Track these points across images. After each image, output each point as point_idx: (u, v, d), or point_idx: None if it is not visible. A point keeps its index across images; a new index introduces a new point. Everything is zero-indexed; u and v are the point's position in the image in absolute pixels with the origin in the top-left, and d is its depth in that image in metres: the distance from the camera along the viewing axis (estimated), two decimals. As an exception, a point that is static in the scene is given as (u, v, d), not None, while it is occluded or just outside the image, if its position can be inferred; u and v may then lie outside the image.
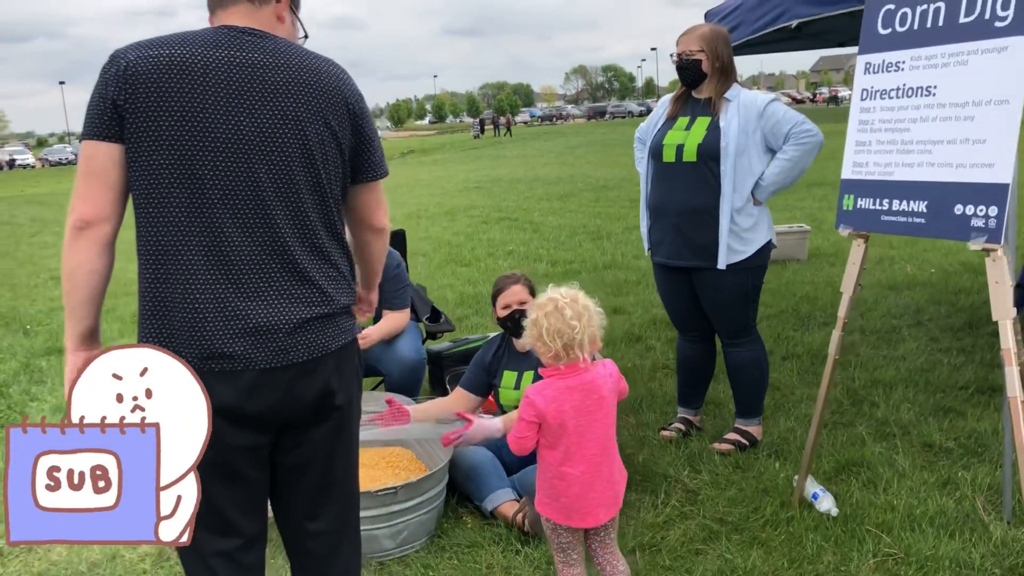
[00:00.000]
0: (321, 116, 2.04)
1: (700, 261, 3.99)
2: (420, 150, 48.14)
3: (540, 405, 2.54)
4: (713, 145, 3.86)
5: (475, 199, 17.04)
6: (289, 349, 2.02)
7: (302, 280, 2.06)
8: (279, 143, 1.99)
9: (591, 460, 2.59)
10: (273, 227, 2.00)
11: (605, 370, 2.66)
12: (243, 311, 1.98)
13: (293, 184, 2.02)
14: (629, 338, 6.27)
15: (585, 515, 2.61)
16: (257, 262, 1.99)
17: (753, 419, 4.25)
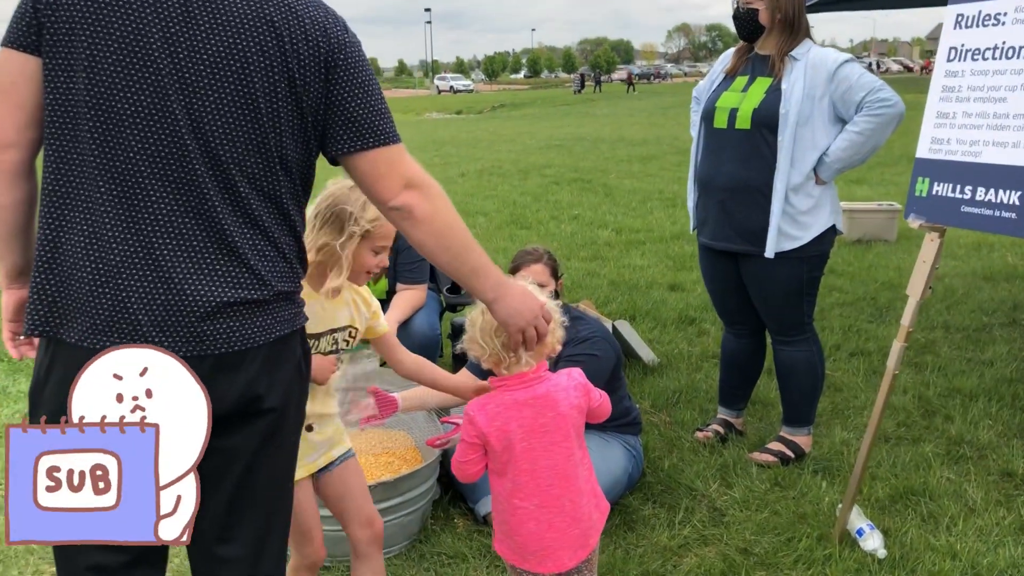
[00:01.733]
0: (279, 62, 1.64)
1: (748, 246, 3.44)
2: (511, 104, 47.53)
3: (480, 423, 2.12)
4: (771, 111, 3.29)
5: (553, 157, 16.48)
6: (203, 337, 1.63)
7: (229, 254, 1.65)
8: (206, 85, 1.59)
9: (547, 492, 2.15)
10: (197, 186, 1.61)
11: (567, 381, 2.21)
12: (151, 281, 1.59)
13: (227, 138, 1.62)
14: (682, 319, 5.72)
15: (543, 559, 2.17)
16: (177, 224, 1.60)
17: (802, 428, 3.71)
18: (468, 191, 12.14)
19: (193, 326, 1.61)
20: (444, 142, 21.02)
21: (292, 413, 1.82)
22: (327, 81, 1.69)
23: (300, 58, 1.65)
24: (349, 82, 1.71)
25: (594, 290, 6.52)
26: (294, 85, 1.65)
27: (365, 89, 1.73)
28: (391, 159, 1.77)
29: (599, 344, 3.33)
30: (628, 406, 3.48)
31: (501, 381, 2.17)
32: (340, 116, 1.71)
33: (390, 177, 1.77)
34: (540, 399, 2.15)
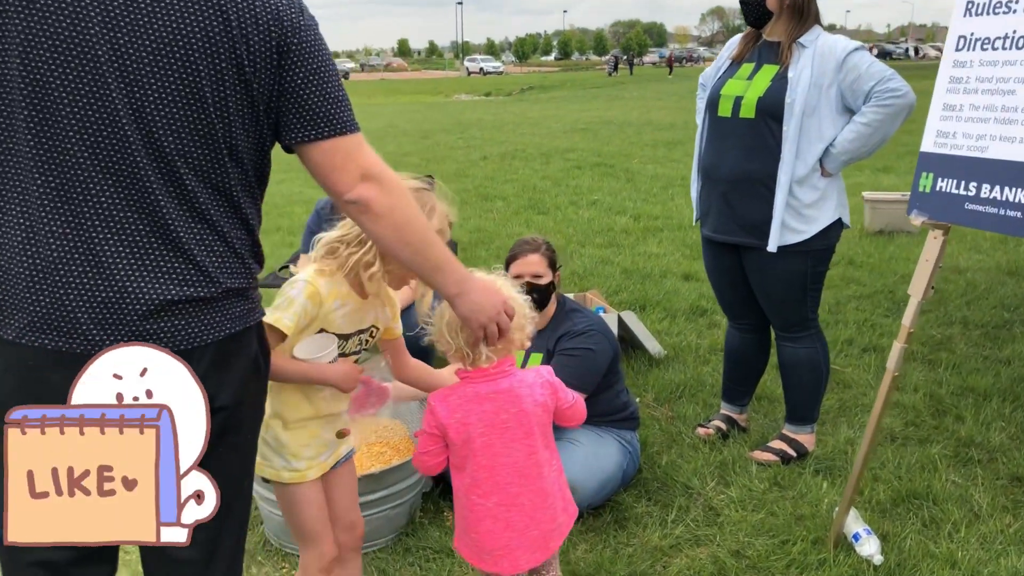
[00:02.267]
0: (227, 47, 1.55)
1: (750, 239, 3.34)
2: (540, 87, 47.21)
3: (440, 414, 2.10)
4: (776, 100, 3.18)
5: (577, 141, 16.33)
6: (146, 335, 1.56)
7: (174, 250, 1.58)
8: (148, 72, 1.51)
9: (506, 490, 2.11)
10: (139, 178, 1.53)
11: (533, 378, 2.16)
12: (91, 277, 1.53)
13: (171, 128, 1.54)
14: (693, 310, 5.62)
15: (499, 560, 2.13)
16: (117, 218, 1.53)
17: (805, 426, 3.62)
18: (488, 174, 12.06)
19: (135, 324, 1.54)
20: (469, 124, 20.91)
21: (247, 412, 1.76)
22: (279, 67, 1.60)
23: (249, 43, 1.56)
24: (303, 68, 1.62)
25: (606, 278, 6.43)
26: (243, 71, 1.57)
27: (320, 75, 1.64)
28: (347, 149, 1.68)
29: (595, 337, 3.25)
30: (626, 400, 3.40)
31: (465, 374, 2.14)
32: (294, 104, 1.63)
33: (346, 169, 1.68)
34: (502, 394, 2.10)
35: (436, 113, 26.00)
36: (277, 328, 2.02)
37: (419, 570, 2.90)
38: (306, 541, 2.27)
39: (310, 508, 2.24)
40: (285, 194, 10.50)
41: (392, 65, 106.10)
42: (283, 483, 2.19)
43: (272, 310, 2.03)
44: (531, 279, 3.27)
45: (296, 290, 2.07)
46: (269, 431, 2.16)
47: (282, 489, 2.22)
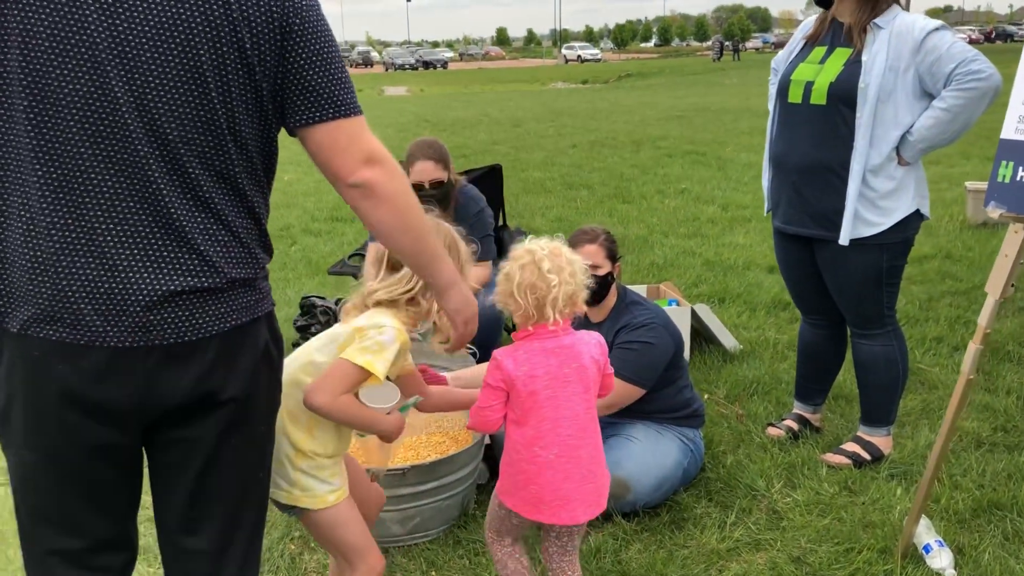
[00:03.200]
0: (228, 31, 1.53)
1: (821, 231, 3.19)
2: (638, 74, 46.64)
3: (509, 368, 2.16)
4: (849, 85, 3.01)
5: (670, 129, 16.06)
6: (150, 327, 1.56)
7: (177, 240, 1.57)
8: (148, 58, 1.50)
9: (567, 443, 2.20)
10: (141, 167, 1.52)
11: (590, 337, 2.28)
12: (93, 269, 1.53)
13: (173, 115, 1.52)
14: (775, 304, 5.43)
15: (558, 510, 2.20)
16: (119, 208, 1.53)
17: (880, 428, 3.44)
18: (576, 163, 11.97)
19: (139, 315, 1.54)
20: (561, 112, 20.80)
21: (260, 403, 1.75)
22: (282, 48, 1.58)
23: (251, 25, 1.54)
24: (307, 48, 1.60)
25: (686, 270, 6.29)
26: (245, 54, 1.54)
27: (324, 56, 1.62)
28: (351, 131, 1.65)
29: (656, 331, 3.15)
30: (689, 397, 3.30)
31: (528, 333, 2.20)
32: (297, 85, 1.60)
33: (349, 151, 1.65)
34: (565, 349, 2.20)
35: (530, 101, 25.95)
36: (368, 371, 1.98)
37: (468, 563, 2.88)
38: (356, 557, 2.19)
39: (357, 520, 2.20)
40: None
41: (490, 54, 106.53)
42: (329, 506, 2.13)
43: (361, 352, 1.99)
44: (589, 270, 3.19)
45: (387, 337, 2.03)
46: (308, 463, 2.09)
47: (328, 512, 2.14)
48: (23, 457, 1.66)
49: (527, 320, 2.19)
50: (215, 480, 1.75)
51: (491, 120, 19.26)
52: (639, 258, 6.67)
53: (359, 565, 2.20)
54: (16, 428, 1.62)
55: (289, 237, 7.80)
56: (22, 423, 1.61)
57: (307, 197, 9.76)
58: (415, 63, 71.35)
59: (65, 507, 1.69)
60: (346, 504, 2.16)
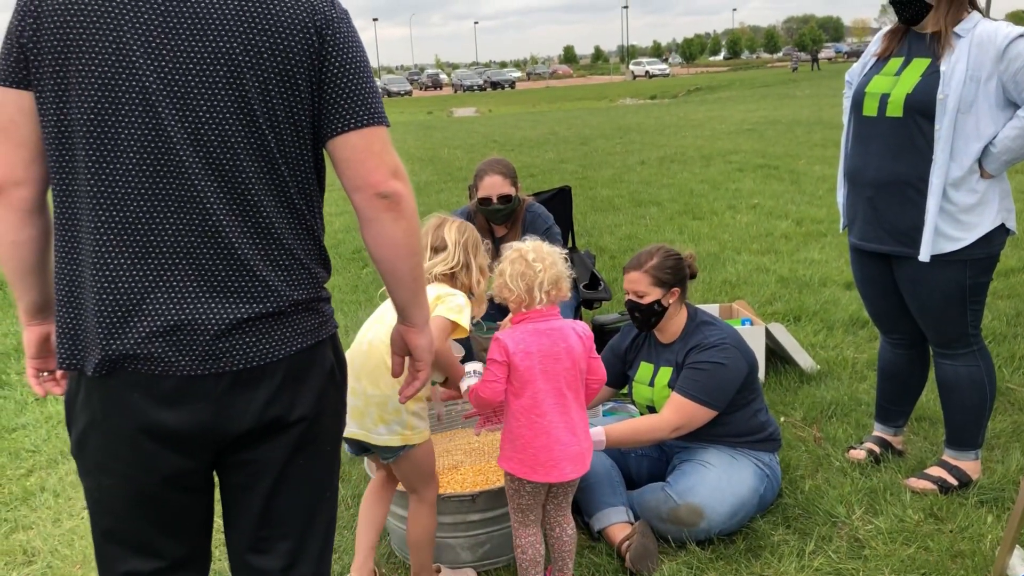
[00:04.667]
0: (269, 56, 1.58)
1: (901, 247, 3.08)
2: (707, 87, 46.27)
3: (508, 345, 2.53)
4: (927, 96, 2.91)
5: (741, 143, 15.83)
6: (219, 355, 1.60)
7: (239, 269, 1.61)
8: (196, 93, 1.55)
9: (556, 409, 2.55)
10: (199, 200, 1.57)
11: (575, 326, 2.62)
12: (161, 304, 1.58)
13: (224, 144, 1.57)
14: (853, 322, 5.28)
15: (550, 469, 2.54)
16: (183, 243, 1.57)
17: (968, 452, 3.29)
18: (645, 179, 11.87)
19: (208, 344, 1.58)
20: (629, 129, 20.70)
21: (326, 423, 1.78)
22: (320, 60, 1.62)
23: (291, 47, 1.59)
24: (341, 58, 1.64)
25: (760, 287, 6.16)
26: (289, 76, 1.59)
27: (358, 65, 1.66)
28: (384, 140, 1.68)
29: (728, 352, 3.08)
30: (764, 420, 3.21)
31: (523, 316, 2.57)
32: (333, 94, 1.64)
33: (383, 159, 1.67)
34: (555, 331, 2.57)
35: (598, 118, 25.90)
36: (457, 324, 2.49)
37: (539, 592, 2.83)
38: (431, 479, 2.69)
39: (433, 452, 2.69)
40: (443, 203, 10.71)
41: (557, 72, 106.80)
42: (427, 439, 2.61)
43: (449, 311, 2.49)
44: (633, 297, 3.16)
45: (462, 301, 2.57)
46: (417, 405, 2.54)
47: (425, 445, 2.61)
48: (99, 481, 1.70)
49: (520, 304, 2.57)
50: (284, 500, 1.77)
51: (558, 139, 19.27)
52: (711, 276, 6.56)
53: (431, 485, 2.70)
54: (92, 454, 1.67)
55: (361, 260, 7.89)
56: (99, 449, 1.66)
57: (378, 220, 9.86)
58: (483, 84, 71.99)
59: (138, 530, 1.74)
60: (430, 440, 2.64)
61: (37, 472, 3.93)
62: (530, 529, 2.66)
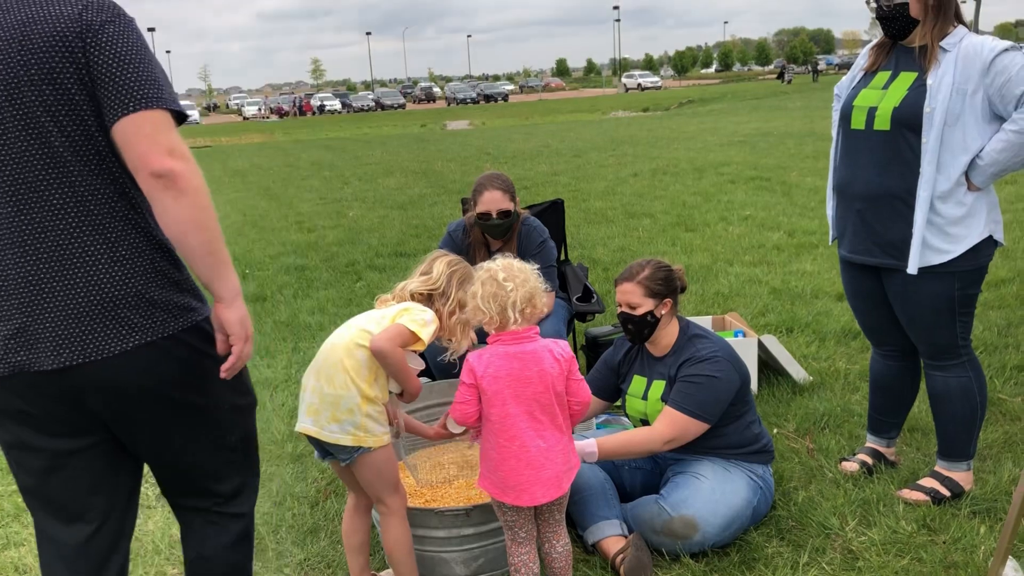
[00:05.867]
0: (39, 73, 1.77)
1: (890, 260, 3.10)
2: (699, 100, 46.43)
3: (477, 369, 2.51)
4: (913, 110, 2.94)
5: (733, 155, 15.90)
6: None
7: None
8: None
9: (528, 433, 2.51)
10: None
11: (553, 348, 2.56)
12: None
13: (10, 152, 1.79)
14: (845, 333, 5.30)
15: (520, 493, 2.52)
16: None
17: (960, 463, 3.31)
18: (638, 191, 11.91)
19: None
20: (622, 141, 20.77)
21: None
22: (87, 60, 1.77)
23: (57, 55, 1.76)
24: (107, 55, 1.77)
25: (753, 299, 6.18)
26: (56, 81, 1.77)
27: (126, 59, 1.78)
28: (157, 122, 1.78)
29: (720, 364, 3.09)
30: (757, 432, 3.22)
31: (497, 337, 2.53)
32: (105, 88, 1.78)
33: (155, 140, 1.76)
34: (528, 355, 2.51)
35: (591, 131, 25.98)
36: (417, 336, 2.54)
37: (533, 606, 2.83)
38: (394, 489, 2.68)
39: (395, 460, 2.68)
40: (436, 216, 10.73)
41: (550, 85, 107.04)
42: (384, 444, 2.60)
43: (413, 322, 2.55)
44: (626, 308, 3.17)
45: (429, 317, 2.62)
46: (372, 407, 2.55)
47: (382, 450, 2.61)
48: None
49: (493, 326, 2.53)
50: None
51: (552, 151, 19.33)
52: (704, 287, 6.58)
53: (396, 495, 2.68)
54: None
55: (354, 273, 7.90)
56: None
57: (371, 233, 9.89)
58: (476, 97, 72.17)
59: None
60: (390, 446, 2.64)
61: (29, 489, 3.91)
62: (523, 547, 2.65)
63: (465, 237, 4.23)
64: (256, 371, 5.26)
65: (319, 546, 3.25)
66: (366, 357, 2.53)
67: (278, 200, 13.59)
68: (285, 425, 4.41)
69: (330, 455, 2.67)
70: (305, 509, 3.54)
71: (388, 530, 2.70)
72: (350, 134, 34.64)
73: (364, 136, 32.04)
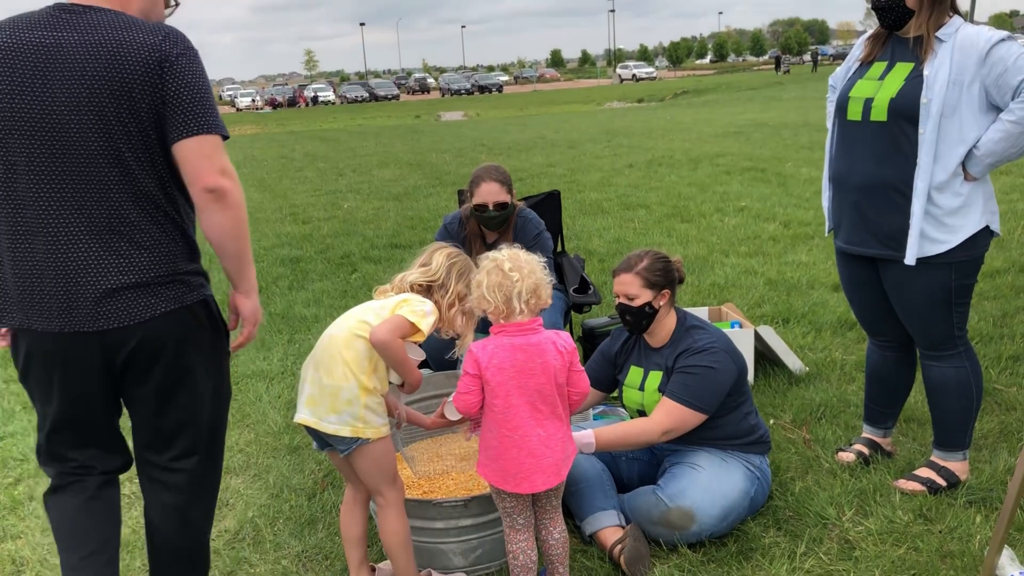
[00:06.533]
0: (118, 88, 2.10)
1: (887, 250, 3.10)
2: (694, 91, 46.40)
3: (481, 359, 2.52)
4: (910, 101, 2.93)
5: (728, 146, 15.90)
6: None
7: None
8: (63, 119, 2.09)
9: (529, 423, 2.53)
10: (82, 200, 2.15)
11: (557, 340, 2.58)
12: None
13: (87, 161, 2.12)
14: (841, 324, 5.30)
15: (521, 481, 2.55)
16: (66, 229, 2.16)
17: (955, 453, 3.32)
18: (633, 183, 11.90)
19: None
20: (617, 132, 20.76)
21: None
22: (161, 90, 2.13)
23: (136, 80, 2.11)
24: (177, 85, 2.12)
25: (748, 290, 6.18)
26: (134, 102, 2.13)
27: (193, 88, 2.14)
28: (214, 144, 2.15)
29: (717, 355, 3.09)
30: (754, 423, 3.22)
31: (501, 328, 2.54)
32: (174, 113, 2.13)
33: (212, 159, 2.14)
34: (533, 346, 2.53)
35: (586, 122, 25.96)
36: (417, 327, 2.55)
37: (531, 597, 2.84)
38: (392, 480, 2.69)
39: (393, 452, 2.69)
40: (432, 208, 10.72)
41: (545, 76, 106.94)
42: (383, 436, 2.61)
43: (413, 313, 2.56)
44: (624, 299, 3.16)
45: (428, 308, 2.63)
46: (371, 399, 2.56)
47: (381, 441, 2.62)
48: None
49: (498, 316, 2.53)
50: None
51: (547, 142, 19.31)
52: (700, 279, 6.59)
53: (394, 487, 2.69)
54: None
55: (349, 265, 7.88)
56: None
57: (366, 224, 9.87)
58: (471, 88, 72.02)
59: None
60: (388, 437, 2.65)
61: (25, 481, 3.91)
62: (521, 534, 2.66)
63: (461, 229, 4.23)
64: (252, 363, 5.25)
65: (317, 538, 3.25)
66: (365, 348, 2.54)
67: (272, 192, 13.56)
68: (282, 417, 4.40)
69: (329, 446, 2.67)
70: (303, 501, 3.54)
71: (385, 522, 2.70)
72: (344, 125, 34.55)
73: (358, 127, 31.95)
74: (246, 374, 5.07)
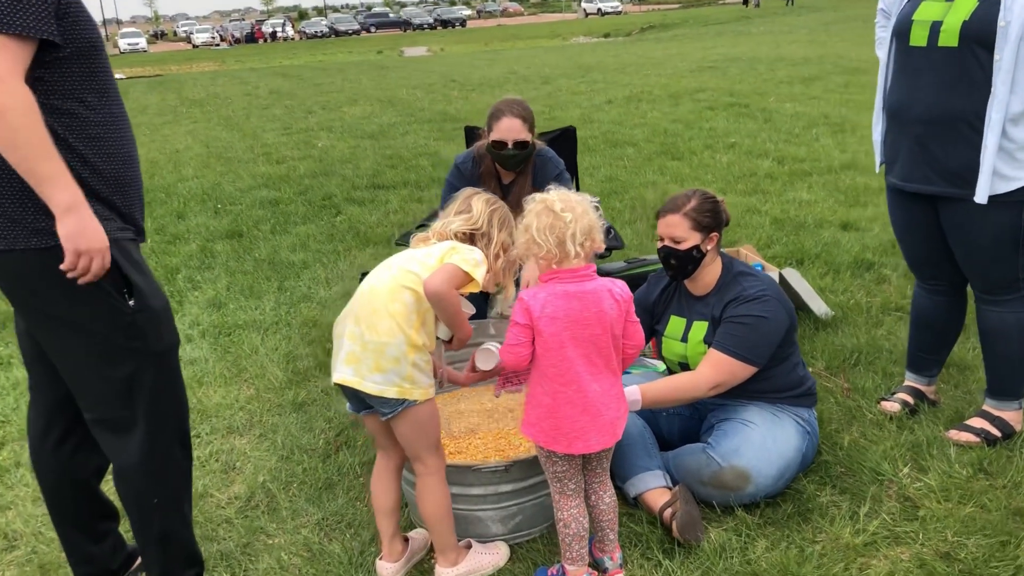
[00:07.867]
0: None
1: (951, 188, 2.88)
2: (660, 25, 45.65)
3: (533, 308, 2.31)
4: (986, 23, 2.68)
5: (706, 81, 15.57)
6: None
7: None
8: None
9: (585, 377, 2.33)
10: None
11: (613, 287, 2.37)
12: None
13: None
14: (857, 264, 5.12)
15: (574, 440, 2.35)
16: None
17: (1011, 402, 3.15)
18: (615, 119, 11.59)
19: None
20: (590, 68, 20.28)
21: None
22: None
23: None
24: None
25: (755, 229, 5.97)
26: None
27: None
28: None
29: (769, 304, 2.87)
30: (803, 375, 3.02)
31: (553, 274, 2.31)
32: None
33: None
34: (587, 294, 2.32)
35: (555, 57, 25.39)
36: (471, 277, 2.33)
37: (579, 566, 2.64)
38: (435, 447, 2.49)
39: (438, 417, 2.49)
40: (411, 146, 10.34)
41: (508, 10, 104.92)
42: (429, 398, 2.42)
43: (465, 262, 2.33)
44: (669, 243, 2.92)
45: (479, 257, 2.40)
46: (418, 355, 2.35)
47: (427, 404, 2.42)
48: None
49: (551, 261, 2.31)
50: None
51: (519, 78, 18.83)
52: (701, 218, 6.35)
53: (437, 453, 2.49)
54: None
55: (333, 207, 7.54)
56: None
57: (344, 164, 9.48)
58: (432, 23, 70.43)
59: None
60: (434, 400, 2.46)
61: (9, 445, 3.62)
62: (572, 500, 2.45)
63: (475, 168, 3.92)
64: (243, 312, 4.96)
65: (336, 504, 3.03)
66: (413, 300, 2.32)
67: (241, 130, 13.01)
68: (282, 371, 4.14)
69: (367, 408, 2.44)
70: (316, 463, 3.30)
71: (426, 491, 2.48)
72: (305, 61, 33.57)
73: (320, 63, 31.03)
74: (237, 324, 4.78)
